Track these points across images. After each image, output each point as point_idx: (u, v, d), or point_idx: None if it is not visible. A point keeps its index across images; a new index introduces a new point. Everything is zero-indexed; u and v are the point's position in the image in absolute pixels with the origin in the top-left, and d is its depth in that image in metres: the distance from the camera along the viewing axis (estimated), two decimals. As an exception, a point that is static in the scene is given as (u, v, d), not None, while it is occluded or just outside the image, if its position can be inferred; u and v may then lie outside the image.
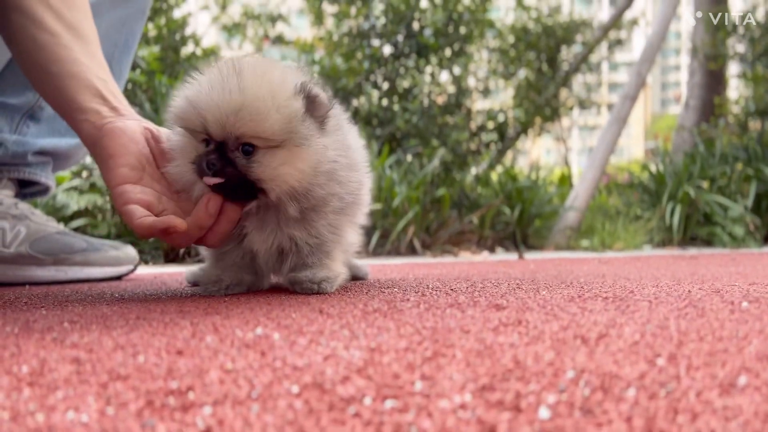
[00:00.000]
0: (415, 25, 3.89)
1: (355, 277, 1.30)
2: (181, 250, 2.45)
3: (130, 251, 1.57)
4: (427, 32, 3.56)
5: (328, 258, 1.05)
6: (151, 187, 0.94)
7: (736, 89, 5.42)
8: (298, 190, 0.90)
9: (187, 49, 3.38)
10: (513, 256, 2.75)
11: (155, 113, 2.76)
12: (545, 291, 0.97)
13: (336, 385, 0.40)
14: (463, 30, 3.86)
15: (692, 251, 3.13)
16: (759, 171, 3.61)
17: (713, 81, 5.11)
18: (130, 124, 0.97)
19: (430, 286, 1.11)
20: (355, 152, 1.05)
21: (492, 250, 2.98)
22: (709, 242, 3.51)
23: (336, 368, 0.45)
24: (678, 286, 1.02)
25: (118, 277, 1.53)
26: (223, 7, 4.01)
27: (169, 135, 0.98)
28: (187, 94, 0.91)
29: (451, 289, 1.03)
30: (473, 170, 3.77)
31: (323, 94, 0.95)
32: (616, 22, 5.20)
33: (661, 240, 3.42)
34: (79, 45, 1.03)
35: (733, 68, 5.36)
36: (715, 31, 4.81)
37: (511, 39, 4.39)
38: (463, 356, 0.48)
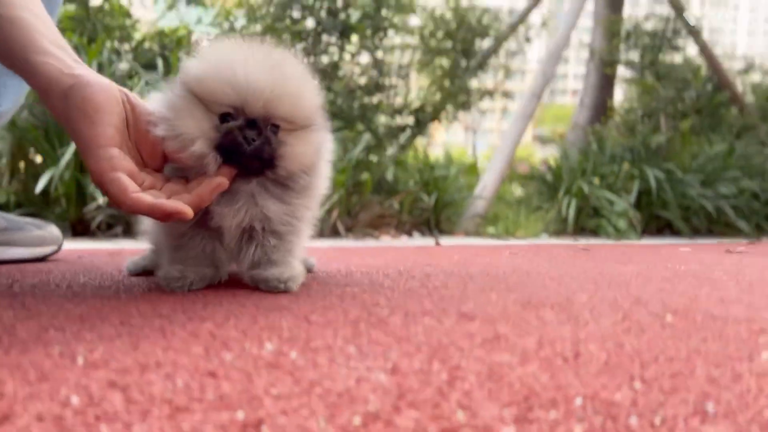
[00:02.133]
0: (339, 2, 3.86)
1: (307, 270, 1.33)
2: (95, 223, 2.31)
3: (54, 230, 1.49)
4: (355, 15, 3.56)
5: (291, 255, 1.08)
6: (129, 155, 0.89)
7: (623, 93, 5.94)
8: (304, 169, 0.98)
9: (95, 1, 3.12)
10: (429, 241, 2.88)
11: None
12: (494, 294, 1.07)
13: (392, 416, 0.45)
14: (386, 13, 3.89)
15: (582, 241, 3.45)
16: (642, 171, 4.03)
17: (606, 83, 5.57)
18: (106, 80, 0.89)
19: (385, 285, 1.17)
20: (326, 151, 1.09)
21: (410, 234, 3.10)
22: (595, 233, 3.88)
23: (377, 394, 0.50)
24: (602, 292, 1.16)
25: (42, 258, 1.45)
26: (134, -40, 3.71)
27: (168, 100, 0.93)
28: (214, 65, 0.91)
29: (409, 290, 1.10)
30: (389, 153, 3.85)
31: None
32: (522, 19, 5.48)
33: (556, 229, 3.73)
34: None
35: (622, 72, 5.85)
36: (611, 38, 5.23)
37: (430, 27, 4.50)
38: (476, 380, 0.55)
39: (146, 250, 1.28)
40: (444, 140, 4.70)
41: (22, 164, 2.47)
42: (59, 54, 0.88)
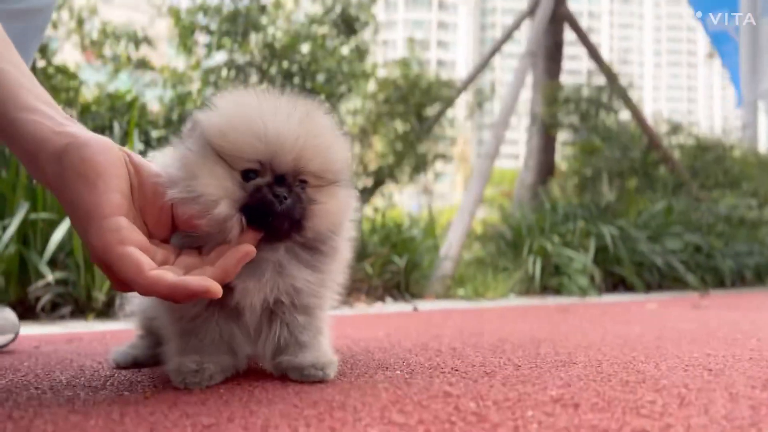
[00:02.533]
0: (294, 67, 3.83)
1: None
2: (41, 304, 2.04)
3: (10, 315, 1.27)
4: (320, 77, 3.52)
5: (321, 335, 0.94)
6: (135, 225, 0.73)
7: (563, 155, 6.19)
8: (333, 229, 0.88)
9: (40, 63, 2.91)
10: (404, 307, 2.75)
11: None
12: (519, 383, 0.96)
13: None
14: (341, 78, 3.89)
15: (550, 299, 3.43)
16: (597, 228, 4.12)
17: (548, 146, 5.79)
18: (105, 139, 0.75)
19: (396, 365, 1.04)
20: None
21: (382, 299, 2.96)
22: (558, 291, 3.88)
23: None
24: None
25: (-5, 351, 1.21)
26: (80, 23, 3.55)
27: (180, 158, 0.79)
28: (239, 116, 0.79)
29: (428, 368, 0.97)
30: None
31: None
32: (468, 83, 5.68)
33: (523, 289, 3.70)
34: (4, 47, 0.79)
35: (561, 136, 6.12)
36: (551, 102, 5.48)
37: (382, 93, 4.55)
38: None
39: (134, 336, 1.09)
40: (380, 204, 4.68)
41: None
42: (48, 111, 0.74)
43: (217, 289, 0.70)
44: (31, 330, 1.76)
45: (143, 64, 3.75)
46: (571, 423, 0.65)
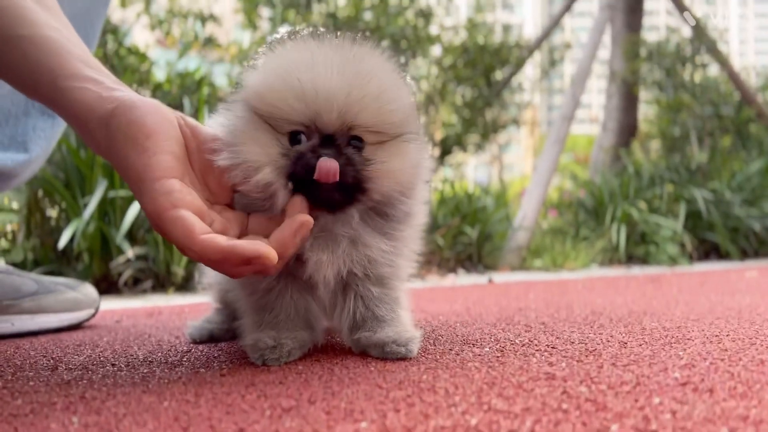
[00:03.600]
0: (357, 36, 3.73)
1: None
2: (122, 279, 2.09)
3: (90, 291, 1.27)
4: (384, 44, 3.42)
5: (400, 307, 0.86)
6: (193, 189, 0.68)
7: (644, 114, 5.79)
8: (403, 191, 0.76)
9: (110, 47, 2.98)
10: (478, 279, 2.65)
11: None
12: (633, 364, 0.84)
13: None
14: (405, 45, 3.76)
15: (636, 270, 3.22)
16: (687, 192, 3.82)
17: (629, 104, 5.41)
18: (155, 101, 0.71)
19: (483, 341, 0.94)
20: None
21: (454, 271, 2.86)
22: (645, 260, 3.64)
23: None
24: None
25: (77, 324, 1.22)
26: (147, 3, 3.60)
27: (229, 123, 0.74)
28: (276, 73, 0.71)
29: (519, 345, 0.87)
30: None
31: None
32: (540, 44, 5.38)
33: (606, 259, 3.49)
34: (49, 14, 0.75)
35: (642, 94, 5.71)
36: (632, 58, 5.10)
37: (448, 58, 4.36)
38: None
39: (210, 309, 1.06)
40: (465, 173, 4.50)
41: (37, 218, 2.26)
42: (95, 76, 0.70)
43: (272, 255, 0.64)
44: (114, 305, 1.80)
45: (210, 42, 3.77)
46: (713, 412, 0.54)
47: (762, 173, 4.47)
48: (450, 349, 0.88)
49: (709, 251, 4.13)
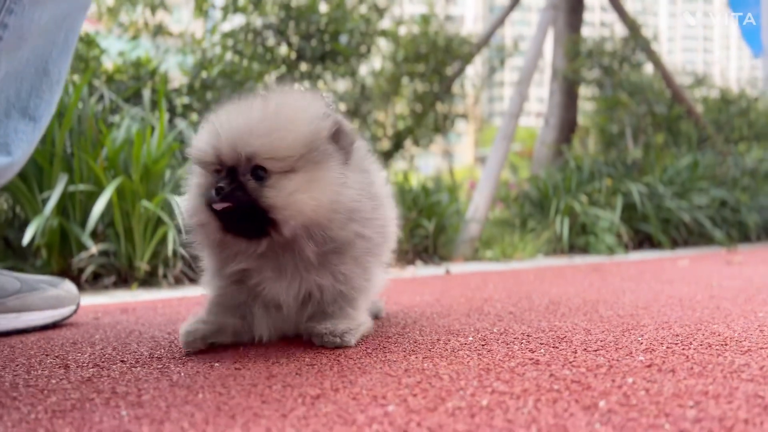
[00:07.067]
0: (312, 28, 3.75)
1: (374, 316, 1.18)
2: (84, 276, 2.06)
3: (71, 287, 1.28)
4: (343, 39, 3.44)
5: (351, 306, 0.95)
6: None
7: (583, 111, 6.07)
8: (315, 224, 0.78)
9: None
10: (436, 270, 2.76)
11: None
12: (601, 349, 0.95)
13: None
14: (359, 38, 3.80)
15: (577, 259, 3.42)
16: (625, 186, 4.08)
17: (570, 102, 5.67)
18: None
19: (464, 332, 1.03)
20: (380, 187, 0.95)
21: (413, 263, 2.96)
22: (585, 250, 3.86)
23: None
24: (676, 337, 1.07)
25: (60, 321, 1.23)
26: (96, -12, 3.48)
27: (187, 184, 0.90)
28: (207, 126, 0.84)
29: (497, 333, 0.96)
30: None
31: (349, 124, 0.86)
32: (487, 39, 5.54)
33: (550, 249, 3.69)
34: None
35: (582, 91, 5.99)
36: (572, 58, 5.35)
37: (401, 53, 4.45)
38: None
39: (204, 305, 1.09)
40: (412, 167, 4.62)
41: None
42: None
43: None
44: (87, 299, 1.78)
45: (161, 30, 3.68)
46: (679, 389, 0.64)
47: (690, 168, 4.81)
48: (437, 339, 0.96)
49: (643, 241, 4.42)
